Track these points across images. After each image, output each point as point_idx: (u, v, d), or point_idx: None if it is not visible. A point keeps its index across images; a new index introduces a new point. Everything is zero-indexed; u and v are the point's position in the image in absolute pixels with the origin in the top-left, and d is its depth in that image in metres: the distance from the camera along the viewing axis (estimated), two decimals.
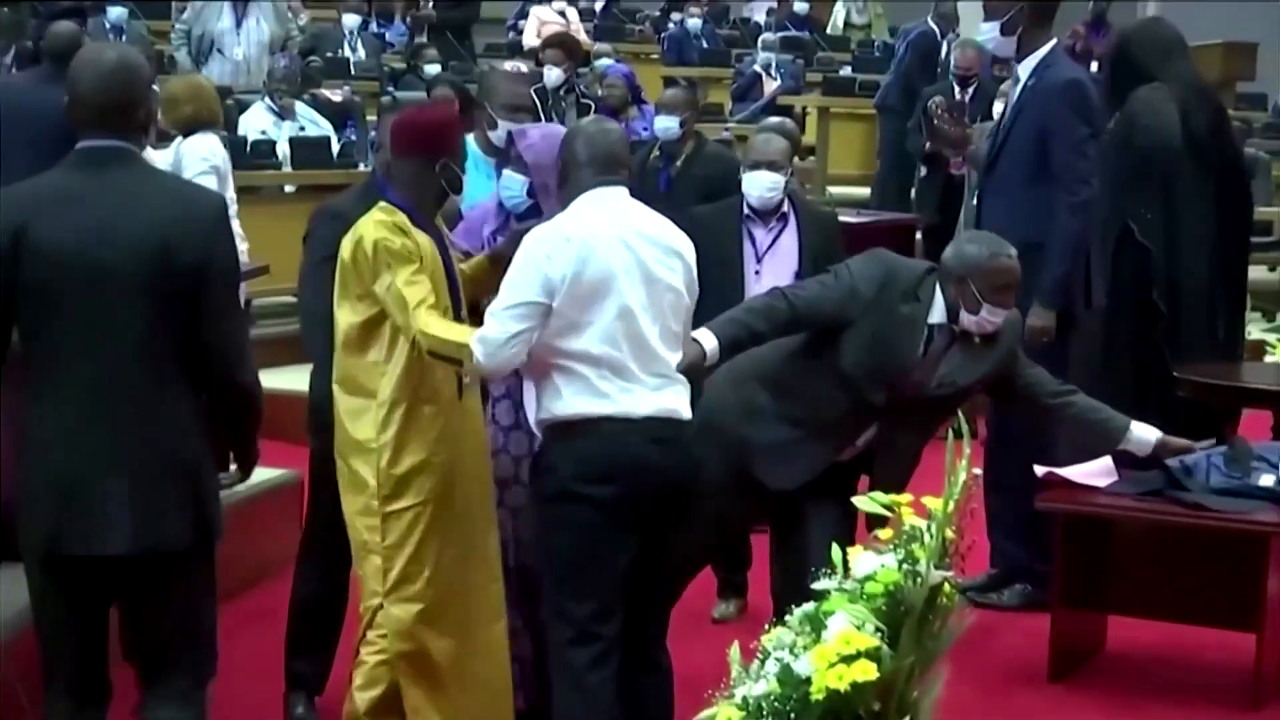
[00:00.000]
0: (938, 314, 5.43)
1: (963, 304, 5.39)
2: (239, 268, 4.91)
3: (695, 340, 5.08)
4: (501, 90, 6.38)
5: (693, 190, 7.61)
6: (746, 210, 6.49)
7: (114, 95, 4.60)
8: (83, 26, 10.62)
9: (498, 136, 6.00)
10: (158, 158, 7.45)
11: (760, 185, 6.25)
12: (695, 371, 5.06)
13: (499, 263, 5.08)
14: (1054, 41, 6.91)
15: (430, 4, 19.20)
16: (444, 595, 5.13)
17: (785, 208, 6.55)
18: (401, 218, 5.00)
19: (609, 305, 4.70)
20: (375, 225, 4.97)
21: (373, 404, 5.05)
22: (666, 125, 8.07)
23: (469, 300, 5.21)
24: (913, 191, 12.61)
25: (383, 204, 5.04)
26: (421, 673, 5.15)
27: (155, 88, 5.75)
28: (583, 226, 4.74)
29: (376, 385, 5.05)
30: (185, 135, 8.49)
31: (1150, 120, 6.91)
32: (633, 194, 4.99)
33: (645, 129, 12.95)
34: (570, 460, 4.72)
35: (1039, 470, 6.04)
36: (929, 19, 15.46)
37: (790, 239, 6.53)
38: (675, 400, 4.82)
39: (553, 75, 12.30)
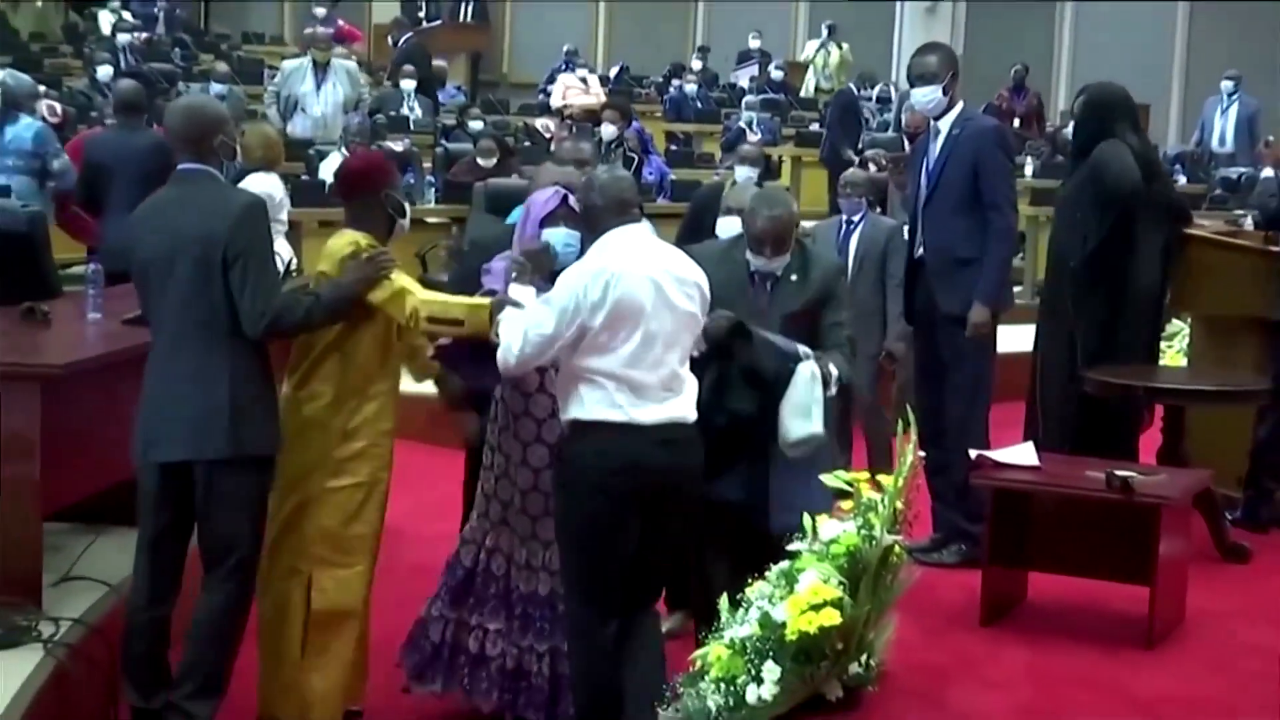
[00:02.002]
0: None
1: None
2: (262, 251, 4.91)
3: None
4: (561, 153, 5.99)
5: None
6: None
7: (186, 130, 5.13)
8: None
9: None
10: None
11: (730, 230, 5.83)
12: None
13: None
14: (962, 102, 7.00)
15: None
16: (357, 573, 5.08)
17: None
18: (372, 241, 5.00)
19: (636, 333, 4.60)
20: (342, 244, 4.99)
21: (326, 399, 4.99)
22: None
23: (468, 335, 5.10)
24: None
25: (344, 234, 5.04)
26: (327, 630, 5.08)
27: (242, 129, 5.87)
28: (616, 263, 4.64)
29: (331, 385, 4.99)
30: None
31: (1118, 167, 6.90)
32: None
33: (651, 174, 12.98)
34: (587, 454, 4.63)
35: (973, 453, 6.04)
36: (850, 81, 15.63)
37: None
38: (682, 407, 4.71)
39: (609, 131, 12.27)
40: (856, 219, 7.95)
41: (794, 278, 5.41)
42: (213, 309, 4.84)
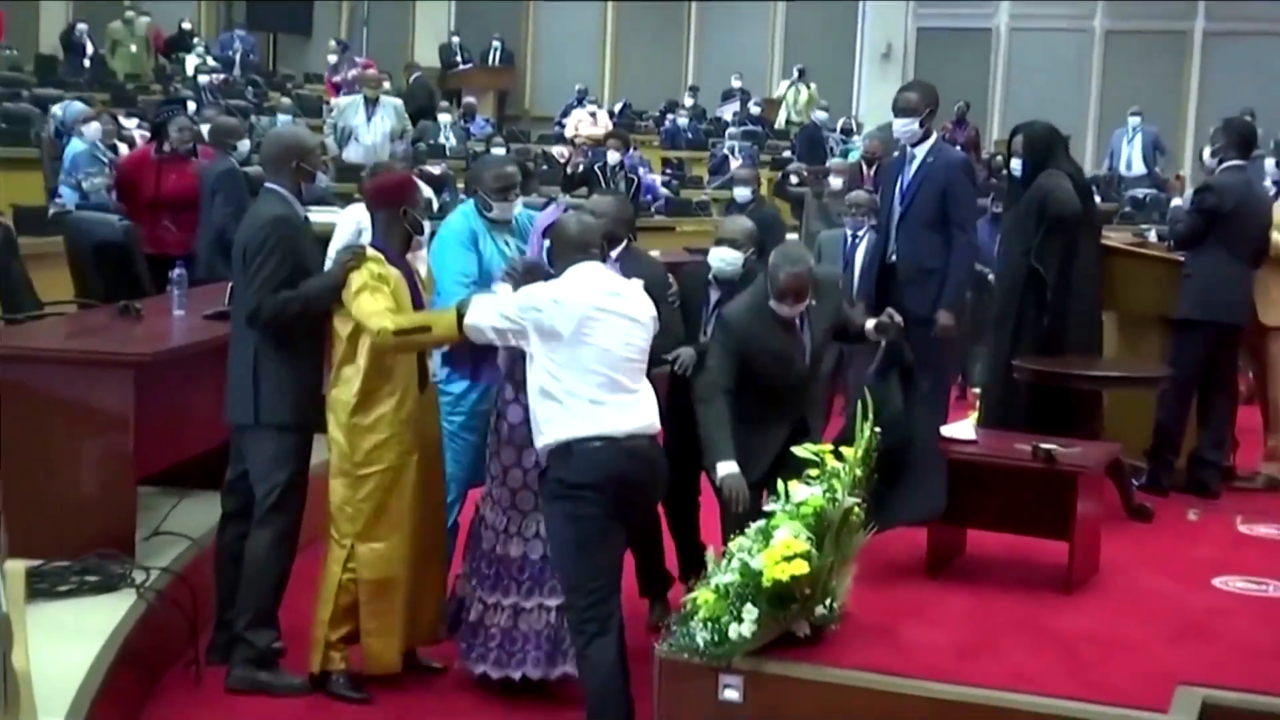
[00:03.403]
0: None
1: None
2: (265, 256, 4.96)
3: None
4: (487, 177, 5.81)
5: None
6: (710, 275, 5.89)
7: (266, 153, 5.44)
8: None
9: (495, 215, 5.69)
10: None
11: (719, 258, 5.70)
12: None
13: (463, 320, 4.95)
14: (936, 134, 7.08)
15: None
16: (395, 541, 5.04)
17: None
18: (379, 257, 4.99)
19: (588, 351, 4.57)
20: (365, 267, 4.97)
21: (354, 395, 4.97)
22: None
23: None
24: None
25: (369, 251, 5.03)
26: (380, 598, 5.04)
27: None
28: (569, 293, 4.65)
29: (351, 389, 4.98)
30: None
31: (1061, 195, 6.90)
32: None
33: (646, 195, 13.00)
34: (573, 470, 4.56)
35: None
36: (816, 113, 15.66)
37: None
38: (645, 415, 4.66)
39: (613, 157, 12.34)
40: (860, 233, 8.29)
41: (813, 303, 5.41)
42: (243, 302, 5.05)
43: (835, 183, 10.29)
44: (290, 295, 4.94)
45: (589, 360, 4.55)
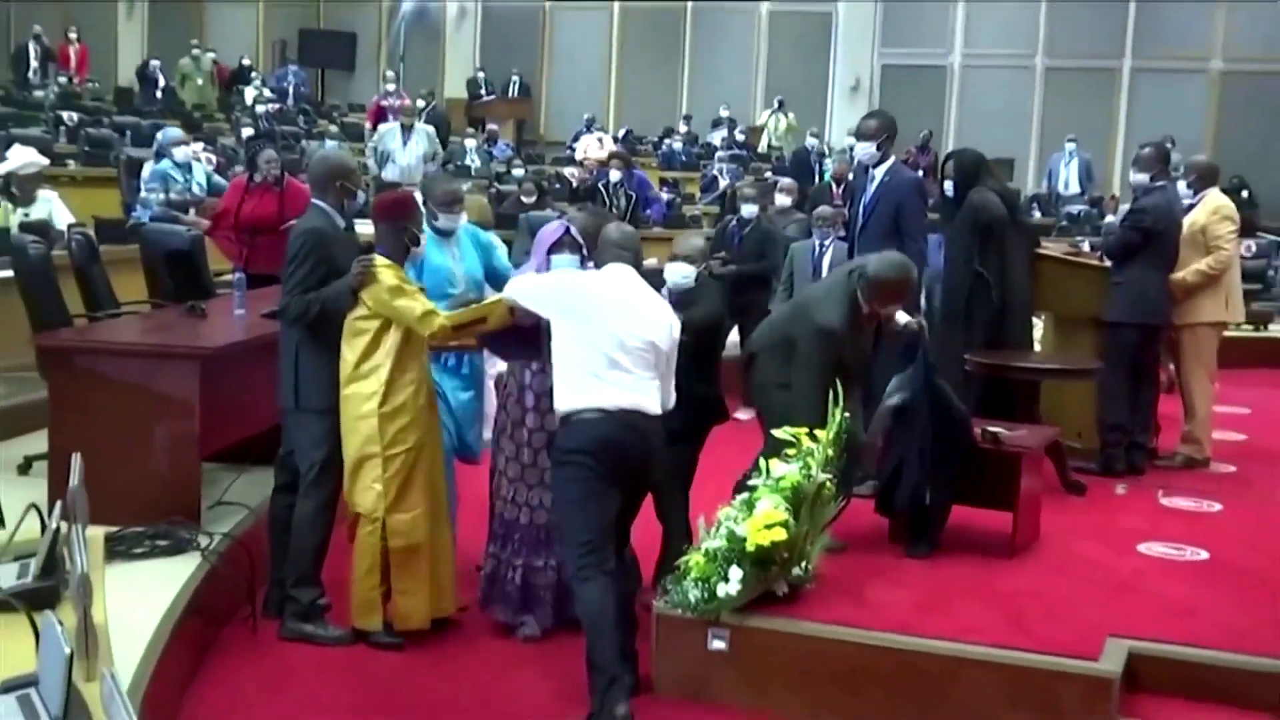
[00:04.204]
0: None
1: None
2: (298, 262, 4.98)
3: None
4: (437, 192, 5.71)
5: None
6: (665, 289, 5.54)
7: (312, 173, 5.39)
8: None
9: (441, 225, 5.58)
10: None
11: (675, 272, 5.44)
12: None
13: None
14: (894, 157, 7.01)
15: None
16: (420, 512, 5.02)
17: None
18: (394, 265, 4.97)
19: (600, 333, 4.52)
20: (386, 271, 4.94)
21: (380, 386, 4.93)
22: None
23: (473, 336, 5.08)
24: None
25: (377, 259, 4.98)
26: (408, 563, 5.02)
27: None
28: (595, 281, 4.68)
29: (377, 381, 4.94)
30: None
31: (988, 205, 6.99)
32: None
33: (648, 211, 12.95)
34: (569, 437, 4.53)
35: None
36: (808, 139, 15.58)
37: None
38: (644, 399, 4.57)
39: (615, 175, 12.24)
40: (826, 243, 8.35)
41: None
42: None
43: (781, 199, 10.12)
44: (312, 297, 4.93)
45: (597, 341, 4.51)
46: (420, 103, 18.19)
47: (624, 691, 4.42)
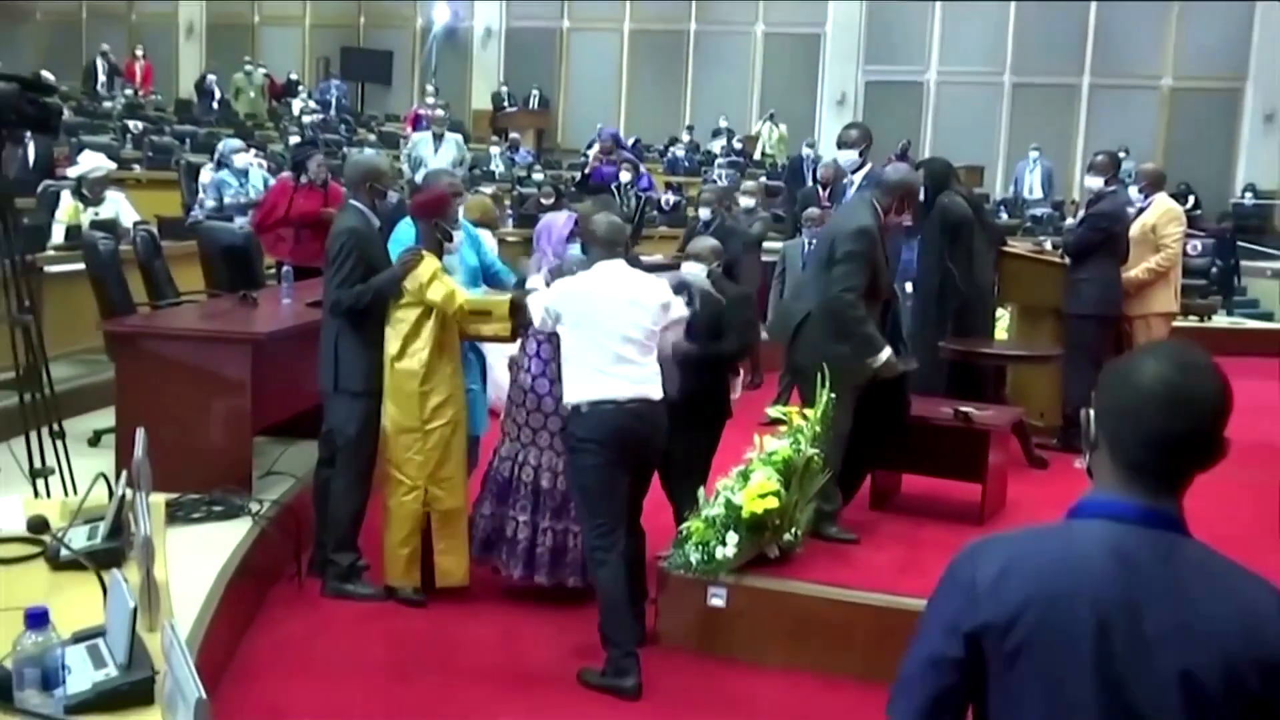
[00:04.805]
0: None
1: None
2: (340, 257, 4.95)
3: None
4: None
5: None
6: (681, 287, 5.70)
7: (347, 175, 5.36)
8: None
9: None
10: None
11: (690, 270, 5.40)
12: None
13: (519, 309, 4.90)
14: (871, 163, 6.99)
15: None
16: (458, 480, 5.02)
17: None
18: (431, 255, 4.96)
19: (604, 333, 4.46)
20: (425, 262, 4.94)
21: (420, 367, 4.92)
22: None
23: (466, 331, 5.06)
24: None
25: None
26: (449, 525, 5.03)
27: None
28: (593, 285, 4.55)
29: (418, 361, 4.93)
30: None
31: (957, 209, 7.01)
32: None
33: (653, 208, 12.92)
34: (582, 427, 4.47)
35: None
36: (803, 149, 15.50)
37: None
38: (648, 388, 4.51)
39: (625, 176, 12.20)
40: (813, 241, 8.16)
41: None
42: (328, 294, 5.04)
43: (745, 201, 9.94)
44: (363, 288, 4.92)
45: (601, 339, 4.46)
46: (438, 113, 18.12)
47: (634, 664, 4.42)
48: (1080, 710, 1.63)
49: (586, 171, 13.87)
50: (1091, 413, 1.75)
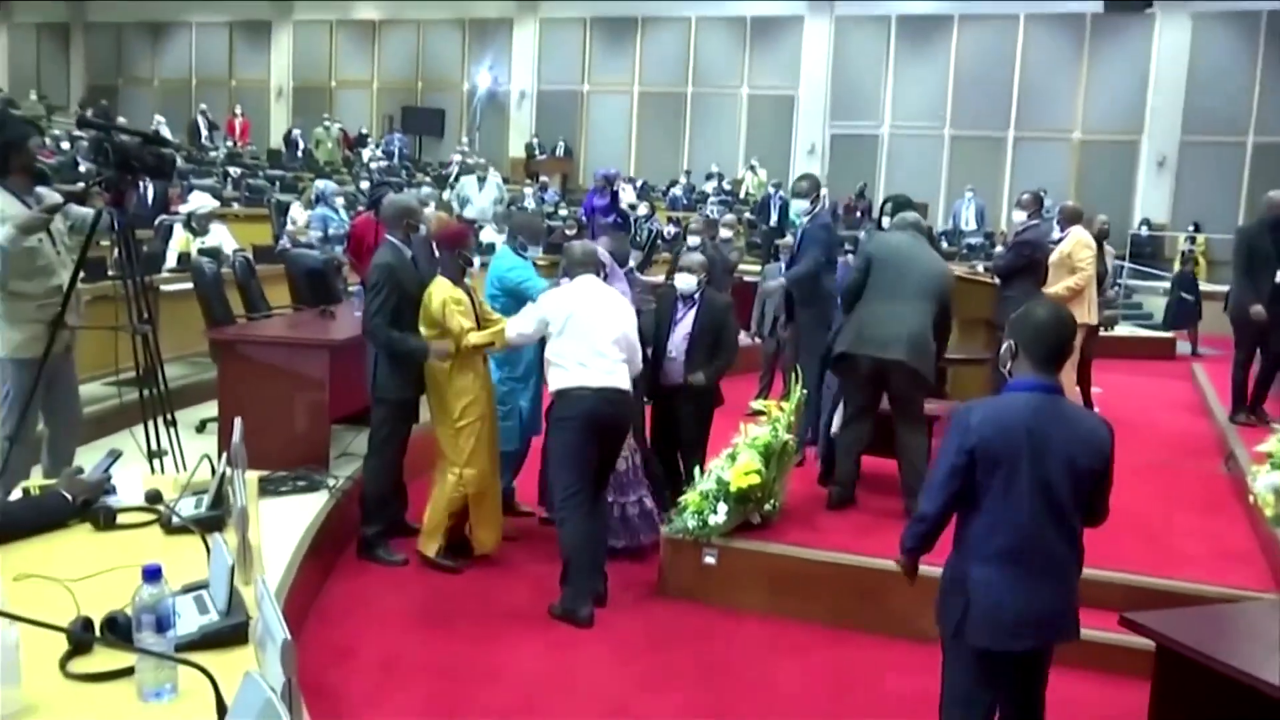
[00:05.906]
0: None
1: None
2: (374, 288, 4.81)
3: None
4: (525, 232, 5.45)
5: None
6: (676, 295, 5.54)
7: (384, 214, 5.14)
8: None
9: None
10: None
11: (683, 282, 5.42)
12: None
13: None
14: (820, 205, 6.74)
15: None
16: (486, 466, 4.94)
17: (697, 296, 5.48)
18: (449, 283, 4.82)
19: (579, 334, 4.48)
20: (440, 289, 4.81)
21: (444, 378, 4.84)
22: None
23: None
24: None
25: (439, 279, 4.86)
26: (480, 504, 4.95)
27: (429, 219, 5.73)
28: (571, 296, 4.59)
29: (446, 370, 4.83)
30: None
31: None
32: None
33: (659, 236, 12.86)
34: (562, 408, 4.49)
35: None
36: (769, 189, 15.46)
37: (693, 313, 5.46)
38: (618, 379, 4.52)
39: (642, 210, 12.14)
40: (787, 265, 7.99)
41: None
42: (367, 317, 4.87)
43: (724, 233, 9.78)
44: (399, 339, 4.78)
45: (580, 339, 4.49)
46: (469, 160, 18.09)
47: (587, 599, 4.42)
48: (1020, 481, 2.76)
49: (581, 218, 13.83)
50: (1011, 342, 2.89)
